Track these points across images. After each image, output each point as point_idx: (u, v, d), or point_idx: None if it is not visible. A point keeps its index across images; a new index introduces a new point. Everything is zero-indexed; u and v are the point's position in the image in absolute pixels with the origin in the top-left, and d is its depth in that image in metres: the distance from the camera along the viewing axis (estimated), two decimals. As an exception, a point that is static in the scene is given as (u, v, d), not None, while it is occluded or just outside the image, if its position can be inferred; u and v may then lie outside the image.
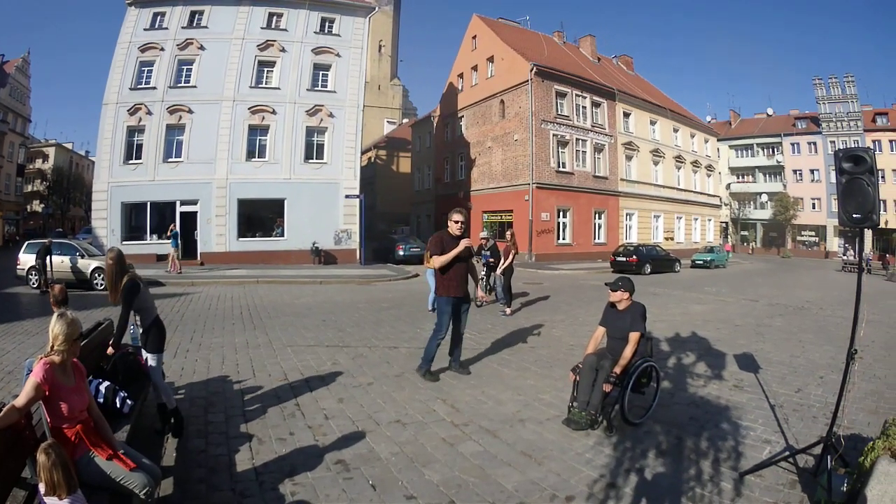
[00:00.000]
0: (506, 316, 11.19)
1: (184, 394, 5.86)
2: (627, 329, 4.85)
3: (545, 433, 4.67)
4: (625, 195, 33.85)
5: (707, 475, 3.88)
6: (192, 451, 4.41)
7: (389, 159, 51.55)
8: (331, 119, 26.03)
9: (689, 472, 3.92)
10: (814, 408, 5.44)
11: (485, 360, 7.43)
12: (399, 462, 4.12)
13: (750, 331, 9.87)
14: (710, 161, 43.41)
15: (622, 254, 25.35)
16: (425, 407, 5.39)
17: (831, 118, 50.26)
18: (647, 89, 40.87)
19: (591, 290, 16.76)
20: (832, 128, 50.34)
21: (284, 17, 26.71)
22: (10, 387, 6.07)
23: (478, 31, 35.30)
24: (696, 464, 4.07)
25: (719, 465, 4.06)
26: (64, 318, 2.96)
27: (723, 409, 5.36)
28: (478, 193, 33.87)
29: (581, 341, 8.13)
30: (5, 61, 46.49)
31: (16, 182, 47.72)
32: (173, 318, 10.84)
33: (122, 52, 25.21)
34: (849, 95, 49.40)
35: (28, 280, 16.15)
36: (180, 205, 24.63)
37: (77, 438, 2.91)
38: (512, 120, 30.93)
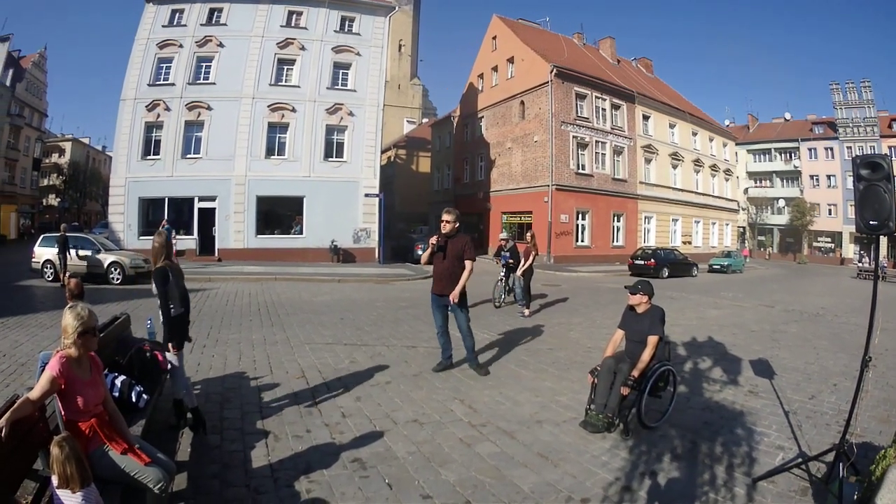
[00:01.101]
0: (524, 317, 11.16)
1: (200, 389, 5.84)
2: (646, 332, 4.84)
3: (562, 435, 4.67)
4: (643, 198, 33.65)
5: (721, 480, 3.88)
6: (206, 446, 4.41)
7: (409, 159, 51.55)
8: (351, 118, 25.96)
9: (704, 477, 3.93)
10: (827, 415, 5.43)
11: (503, 361, 7.43)
12: (416, 461, 4.11)
13: (765, 336, 9.85)
14: (729, 165, 43.14)
15: (640, 257, 25.25)
16: (443, 407, 5.39)
17: (847, 123, 49.68)
18: (667, 92, 40.66)
19: (609, 292, 16.79)
20: (848, 133, 49.76)
21: (304, 16, 26.68)
22: (23, 378, 6.11)
23: (498, 31, 35.23)
24: (710, 469, 4.08)
25: (733, 470, 4.06)
26: (76, 310, 2.95)
27: (738, 414, 5.35)
28: (497, 194, 33.74)
29: (598, 344, 8.19)
30: (21, 56, 46.73)
31: (31, 176, 48.01)
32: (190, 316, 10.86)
33: (140, 49, 25.28)
34: (865, 101, 48.79)
35: (43, 273, 16.18)
36: (199, 201, 24.68)
37: (91, 432, 2.90)
38: (532, 121, 30.79)
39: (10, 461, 2.59)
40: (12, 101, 42.80)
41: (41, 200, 53.06)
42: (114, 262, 16.12)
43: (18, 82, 44.10)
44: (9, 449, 2.53)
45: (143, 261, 17.03)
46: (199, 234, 24.56)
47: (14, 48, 45.51)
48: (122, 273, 15.97)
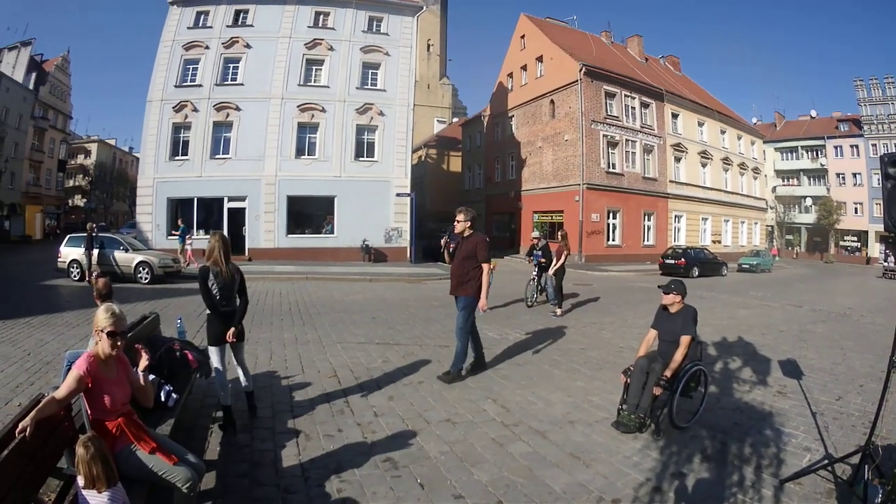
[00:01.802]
0: (556, 317, 11.09)
1: (230, 387, 5.75)
2: (679, 332, 4.81)
3: (594, 435, 4.67)
4: (674, 197, 33.28)
5: (749, 481, 3.87)
6: (236, 445, 4.39)
7: (440, 158, 51.45)
8: (381, 117, 25.88)
9: (732, 478, 3.92)
10: (853, 416, 5.40)
11: (535, 360, 7.40)
12: (448, 461, 4.10)
13: (793, 337, 9.81)
14: (757, 163, 42.60)
15: (671, 256, 25.03)
16: (476, 406, 5.37)
17: (872, 120, 48.82)
18: (695, 90, 40.19)
19: (640, 292, 16.82)
20: (873, 130, 48.88)
21: (332, 16, 26.65)
22: (49, 377, 6.14)
23: (526, 30, 35.09)
24: (738, 470, 4.07)
25: (761, 471, 4.05)
26: (110, 309, 2.94)
27: (766, 415, 5.34)
28: (528, 193, 33.56)
29: (630, 344, 8.24)
30: (44, 60, 47.30)
31: (57, 177, 48.62)
32: None
33: (166, 51, 25.38)
34: (890, 97, 47.94)
35: (69, 273, 16.23)
36: (228, 201, 24.72)
37: (118, 431, 2.89)
38: (562, 120, 30.57)
39: (35, 459, 2.60)
40: (36, 104, 43.39)
41: (67, 201, 53.73)
42: (142, 261, 16.15)
43: (42, 85, 44.71)
44: (33, 447, 2.55)
45: (172, 260, 17.21)
46: (229, 234, 24.32)
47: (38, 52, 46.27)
48: (151, 272, 15.99)
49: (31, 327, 9.04)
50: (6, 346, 7.72)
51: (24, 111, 41.30)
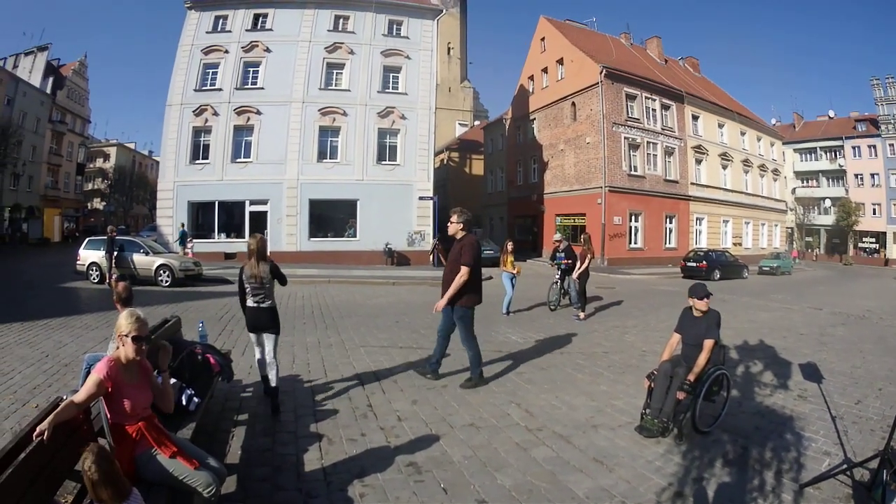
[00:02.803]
0: (579, 321, 11.04)
1: (252, 392, 5.85)
2: (702, 336, 4.79)
3: (617, 440, 4.65)
4: (695, 199, 33.02)
5: (769, 486, 3.86)
6: (258, 449, 4.37)
7: (462, 161, 51.48)
8: (403, 121, 25.88)
9: (753, 483, 3.91)
10: (872, 420, 5.38)
11: (559, 364, 7.37)
12: (472, 466, 4.08)
13: (813, 340, 9.79)
14: (776, 165, 42.26)
15: (692, 259, 24.85)
16: (499, 411, 5.35)
17: (889, 120, 48.24)
18: (714, 92, 39.93)
19: (663, 295, 16.84)
20: (891, 130, 48.30)
21: (351, 20, 26.68)
22: (66, 378, 6.15)
23: (546, 33, 35.04)
24: (759, 474, 4.06)
25: (781, 476, 4.04)
26: (133, 314, 2.94)
27: (787, 419, 5.34)
28: (551, 196, 33.43)
29: (653, 347, 8.27)
30: (62, 65, 47.66)
31: (75, 180, 48.99)
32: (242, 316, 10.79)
33: (185, 55, 25.54)
34: (905, 96, 47.47)
35: (88, 275, 16.19)
36: (250, 204, 24.81)
37: (139, 435, 2.87)
38: (583, 122, 30.45)
39: (52, 462, 2.59)
40: (53, 108, 43.70)
41: (86, 204, 54.14)
42: (163, 264, 16.10)
43: (59, 90, 45.04)
44: (52, 451, 2.54)
45: (194, 263, 17.10)
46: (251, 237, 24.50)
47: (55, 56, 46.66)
48: (172, 275, 15.93)
49: (50, 329, 9.03)
50: (24, 347, 7.72)
51: (41, 115, 41.70)
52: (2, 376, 6.27)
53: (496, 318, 11.06)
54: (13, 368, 6.61)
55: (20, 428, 4.44)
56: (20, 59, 43.44)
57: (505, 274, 11.77)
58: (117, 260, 15.68)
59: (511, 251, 11.88)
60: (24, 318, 9.80)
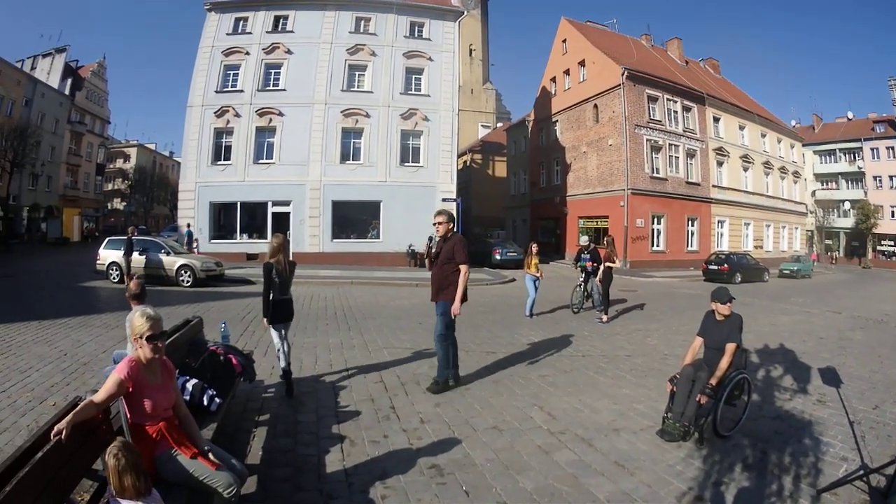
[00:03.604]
0: (602, 323, 11.05)
1: (273, 392, 5.88)
2: (725, 340, 4.78)
3: (639, 443, 4.66)
4: (717, 202, 32.78)
5: (787, 491, 3.87)
6: (279, 450, 4.39)
7: (485, 163, 51.40)
8: (426, 123, 25.88)
9: (771, 488, 3.92)
10: (889, 426, 5.37)
11: (581, 367, 7.39)
12: (494, 469, 4.09)
13: (833, 344, 9.76)
14: (797, 167, 41.92)
15: (714, 262, 24.70)
16: (522, 414, 5.36)
17: (907, 121, 47.84)
18: (735, 93, 39.65)
19: (685, 298, 16.89)
20: (908, 131, 47.87)
21: (373, 22, 26.71)
22: (85, 377, 6.20)
23: (567, 34, 34.98)
24: (778, 479, 4.07)
25: (799, 481, 4.05)
26: (145, 313, 2.91)
27: (806, 424, 5.33)
28: (574, 199, 33.32)
29: (675, 351, 8.30)
30: (80, 66, 48.04)
31: (95, 180, 49.37)
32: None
33: (206, 57, 25.67)
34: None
35: (108, 275, 16.28)
36: (272, 205, 24.88)
37: (159, 436, 2.87)
38: (606, 125, 30.34)
39: (70, 462, 2.59)
40: (72, 109, 44.06)
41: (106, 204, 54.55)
42: (184, 264, 16.13)
43: (78, 91, 45.44)
44: (69, 451, 2.54)
45: (215, 264, 17.05)
46: (274, 238, 24.55)
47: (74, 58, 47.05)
48: (193, 276, 15.95)
49: (69, 328, 9.05)
50: (41, 345, 7.74)
51: (60, 116, 42.16)
52: (19, 374, 6.32)
53: (519, 320, 11.16)
54: (31, 366, 6.63)
55: (37, 425, 4.51)
56: (38, 61, 43.93)
57: (528, 276, 11.78)
58: (145, 260, 15.80)
59: (535, 253, 11.89)
60: (42, 317, 9.85)
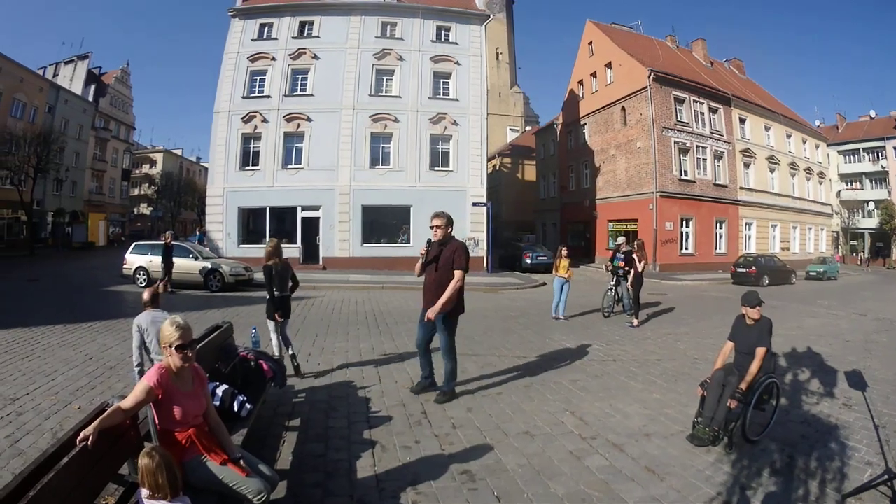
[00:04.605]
0: (633, 327, 11.10)
1: (304, 397, 5.91)
2: (755, 344, 4.81)
3: (669, 448, 4.66)
4: (744, 204, 32.50)
5: (813, 496, 3.89)
6: (310, 455, 4.40)
7: (514, 167, 51.32)
8: (455, 127, 25.91)
9: (798, 493, 3.94)
10: None
11: (612, 372, 7.42)
12: (525, 474, 4.08)
13: (859, 347, 9.77)
14: (822, 168, 41.53)
15: (742, 265, 24.58)
16: (554, 419, 5.36)
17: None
18: (760, 94, 39.38)
19: (714, 301, 16.92)
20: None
21: (399, 27, 26.84)
22: (112, 381, 6.27)
23: (593, 37, 34.96)
24: (804, 484, 4.08)
25: (825, 486, 4.06)
26: (175, 322, 2.91)
27: (832, 428, 5.36)
28: (603, 202, 33.26)
29: (705, 355, 8.36)
30: (103, 73, 48.65)
31: (121, 186, 49.96)
32: (294, 321, 11.08)
33: (231, 63, 25.89)
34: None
35: (135, 279, 16.47)
36: (301, 210, 25.03)
37: (188, 442, 2.87)
38: (634, 127, 30.28)
39: (97, 467, 2.60)
40: (96, 115, 44.62)
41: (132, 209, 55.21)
42: (213, 269, 16.23)
43: (102, 97, 46.04)
44: (96, 456, 2.54)
45: (244, 268, 17.14)
46: (303, 243, 24.83)
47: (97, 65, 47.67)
48: (222, 280, 16.02)
49: (95, 332, 9.11)
50: (67, 349, 7.81)
51: (83, 122, 42.86)
52: (44, 377, 6.39)
53: (551, 325, 11.28)
54: (55, 370, 6.70)
55: (61, 429, 4.69)
56: (60, 68, 44.75)
57: (557, 279, 11.89)
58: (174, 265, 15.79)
59: (565, 256, 11.98)
60: (67, 321, 9.96)
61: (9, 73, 33.75)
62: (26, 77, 35.87)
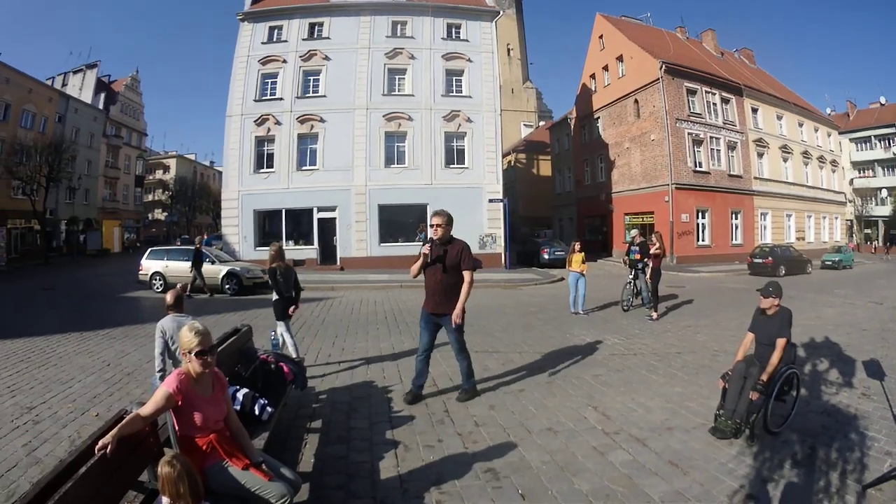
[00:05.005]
0: (652, 321, 11.07)
1: (325, 398, 5.89)
2: (775, 335, 4.80)
3: (691, 442, 4.66)
4: (759, 194, 32.36)
5: (834, 487, 3.90)
6: (332, 456, 4.36)
7: (529, 162, 51.18)
8: (469, 124, 25.90)
9: (819, 484, 3.95)
10: None
11: (633, 366, 7.38)
12: (549, 471, 4.08)
13: (875, 336, 9.71)
14: (834, 156, 41.31)
15: (758, 255, 24.52)
16: (576, 414, 5.35)
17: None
18: (771, 83, 39.18)
19: (731, 293, 16.85)
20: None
21: (409, 25, 26.88)
22: (130, 388, 6.24)
23: (603, 30, 34.88)
24: (825, 475, 4.09)
25: (846, 476, 4.07)
26: (194, 328, 2.89)
27: (851, 418, 5.33)
28: (618, 195, 33.20)
29: (724, 346, 8.33)
30: (113, 81, 48.97)
31: (134, 192, 50.26)
32: (313, 322, 11.09)
33: (242, 66, 25.95)
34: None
35: (151, 285, 16.53)
36: (318, 211, 25.12)
37: (209, 448, 2.84)
38: (647, 120, 30.21)
39: (116, 475, 2.57)
40: (107, 123, 44.89)
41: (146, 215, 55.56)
42: (230, 272, 16.28)
43: (112, 105, 46.31)
44: (115, 464, 2.51)
45: (262, 271, 17.05)
46: (320, 244, 24.95)
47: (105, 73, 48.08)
48: (239, 284, 16.06)
49: (111, 339, 9.12)
50: (83, 356, 7.80)
51: (94, 130, 43.04)
52: (60, 385, 6.36)
53: (570, 320, 11.30)
54: (73, 377, 6.68)
55: (79, 436, 4.72)
56: (69, 78, 45.08)
57: (572, 274, 11.96)
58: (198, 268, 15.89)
59: (578, 251, 12.04)
60: (83, 328, 9.95)
61: (17, 85, 33.91)
62: (35, 88, 36.06)
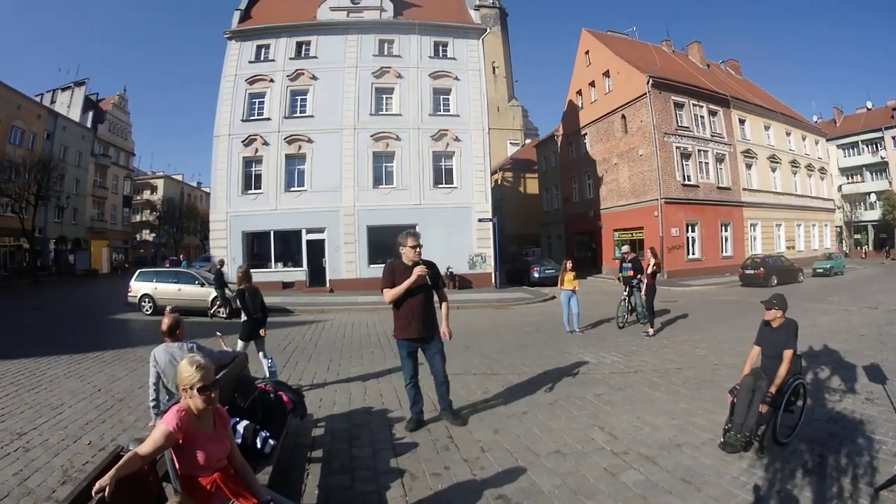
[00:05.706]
0: (648, 337, 10.98)
1: (324, 426, 5.74)
2: (781, 347, 4.82)
3: (702, 458, 4.61)
4: (748, 205, 32.48)
5: (847, 492, 3.90)
6: (337, 487, 4.22)
7: (516, 181, 51.09)
8: (457, 143, 25.83)
9: (832, 491, 3.94)
10: None
11: (635, 383, 7.31)
12: (562, 495, 3.97)
13: (873, 340, 9.79)
14: (822, 163, 41.55)
15: (750, 266, 24.48)
16: (583, 435, 5.26)
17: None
18: (757, 93, 39.43)
19: (725, 306, 16.84)
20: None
21: (396, 44, 26.84)
22: (122, 414, 6.07)
23: (589, 45, 34.98)
24: (837, 481, 4.09)
25: (857, 481, 4.07)
26: (194, 364, 2.71)
27: (857, 423, 5.35)
28: (607, 211, 33.17)
29: (725, 360, 8.39)
30: (101, 99, 48.69)
31: (122, 212, 49.88)
32: (305, 346, 10.99)
33: (229, 85, 25.82)
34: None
35: (140, 307, 16.22)
36: (306, 233, 24.92)
37: (213, 487, 2.69)
38: (635, 135, 30.25)
39: None
40: (95, 142, 44.63)
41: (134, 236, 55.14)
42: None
43: (100, 123, 46.04)
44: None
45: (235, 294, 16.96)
46: (309, 266, 24.75)
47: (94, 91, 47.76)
48: (229, 307, 15.60)
49: (102, 362, 8.96)
50: (73, 380, 7.65)
51: (83, 149, 42.81)
52: (51, 410, 6.20)
53: (566, 338, 11.20)
54: (63, 402, 6.53)
55: (71, 465, 4.57)
56: (57, 95, 44.72)
57: (564, 292, 11.86)
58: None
59: (570, 269, 11.97)
60: (73, 351, 9.78)
61: (6, 100, 33.70)
62: (24, 104, 35.90)
